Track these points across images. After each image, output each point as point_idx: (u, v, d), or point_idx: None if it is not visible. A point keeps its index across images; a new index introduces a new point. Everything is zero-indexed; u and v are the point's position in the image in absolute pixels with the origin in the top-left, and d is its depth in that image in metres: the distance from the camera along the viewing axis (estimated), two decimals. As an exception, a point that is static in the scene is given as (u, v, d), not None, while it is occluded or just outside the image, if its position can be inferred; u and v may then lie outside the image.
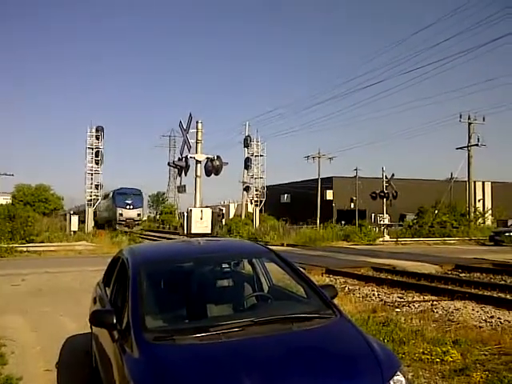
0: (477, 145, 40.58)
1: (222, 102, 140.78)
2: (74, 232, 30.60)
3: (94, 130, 37.07)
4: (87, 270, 14.09)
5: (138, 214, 49.30)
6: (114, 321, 3.71)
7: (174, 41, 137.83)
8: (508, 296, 11.12)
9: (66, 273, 14.86)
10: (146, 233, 51.78)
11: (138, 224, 49.55)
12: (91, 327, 5.06)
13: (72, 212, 37.02)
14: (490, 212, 47.67)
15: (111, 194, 49.61)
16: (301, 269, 5.35)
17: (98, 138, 37.04)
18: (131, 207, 47.66)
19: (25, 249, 22.91)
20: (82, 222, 35.14)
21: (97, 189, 37.77)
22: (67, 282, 13.23)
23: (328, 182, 59.56)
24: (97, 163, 37.20)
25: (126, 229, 45.03)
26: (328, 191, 59.90)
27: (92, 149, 36.91)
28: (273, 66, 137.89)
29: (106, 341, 4.06)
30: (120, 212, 46.79)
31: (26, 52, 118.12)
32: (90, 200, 37.54)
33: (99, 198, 38.73)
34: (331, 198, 60.20)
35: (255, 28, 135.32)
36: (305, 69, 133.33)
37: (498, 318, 8.77)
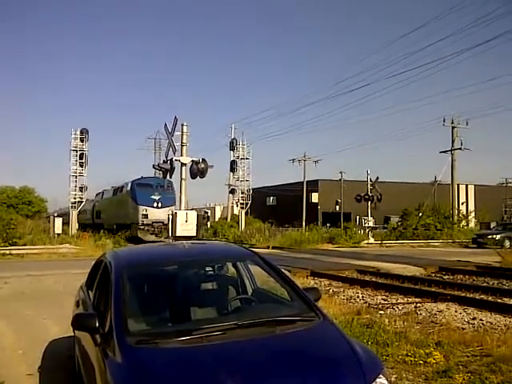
0: (460, 148, 41.10)
1: (208, 104, 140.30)
2: (58, 235, 30.33)
3: (78, 132, 36.80)
4: (71, 273, 13.95)
5: (170, 215, 34.00)
6: (97, 324, 3.67)
7: (161, 42, 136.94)
8: (490, 298, 11.25)
9: (49, 276, 14.70)
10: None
11: None
12: (74, 331, 5.02)
13: (56, 214, 36.61)
14: (473, 215, 48.31)
15: (129, 187, 36.03)
16: (285, 271, 5.37)
17: (82, 141, 36.76)
18: (159, 205, 33.68)
19: (7, 252, 22.63)
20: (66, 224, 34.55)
21: (81, 191, 37.43)
22: (50, 285, 13.10)
23: (314, 185, 59.89)
24: (81, 165, 36.90)
25: (153, 237, 33.29)
26: (314, 194, 60.25)
27: (76, 151, 36.62)
28: (260, 68, 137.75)
29: (88, 345, 4.03)
30: (143, 212, 33.41)
31: (8, 51, 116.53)
32: (74, 202, 37.21)
33: (83, 200, 37.98)
34: (317, 201, 60.54)
35: (243, 29, 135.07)
36: (293, 70, 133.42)
37: (481, 320, 8.89)
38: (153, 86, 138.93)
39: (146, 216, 33.36)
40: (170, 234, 20.59)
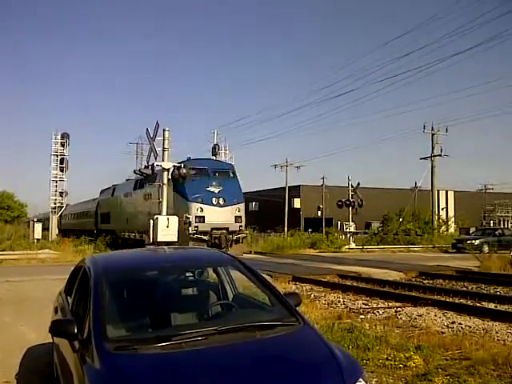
0: (440, 155, 41.60)
1: (191, 109, 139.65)
2: (38, 240, 29.93)
3: (59, 137, 36.45)
4: (50, 279, 13.77)
5: (238, 218, 23.71)
6: (75, 330, 3.63)
7: (144, 44, 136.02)
8: (469, 302, 11.38)
9: (28, 282, 14.51)
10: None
11: (238, 239, 23.58)
12: (52, 337, 4.95)
13: (36, 219, 36.16)
14: (452, 220, 48.76)
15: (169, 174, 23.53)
16: (266, 276, 5.37)
17: (63, 145, 36.44)
18: (221, 202, 22.98)
19: (-15, 258, 22.27)
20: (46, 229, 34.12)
21: (61, 196, 37.08)
22: (29, 291, 12.90)
23: (296, 191, 60.07)
24: (61, 170, 36.55)
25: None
26: (296, 199, 60.42)
27: (57, 156, 36.27)
28: (247, 71, 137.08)
29: (66, 351, 3.97)
30: (198, 213, 22.49)
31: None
32: (55, 207, 36.79)
33: (64, 205, 37.50)
34: (299, 206, 60.69)
35: (229, 30, 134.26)
36: (279, 74, 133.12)
37: (460, 324, 8.98)
38: (140, 90, 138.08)
39: (201, 219, 22.20)
40: (151, 240, 20.42)
